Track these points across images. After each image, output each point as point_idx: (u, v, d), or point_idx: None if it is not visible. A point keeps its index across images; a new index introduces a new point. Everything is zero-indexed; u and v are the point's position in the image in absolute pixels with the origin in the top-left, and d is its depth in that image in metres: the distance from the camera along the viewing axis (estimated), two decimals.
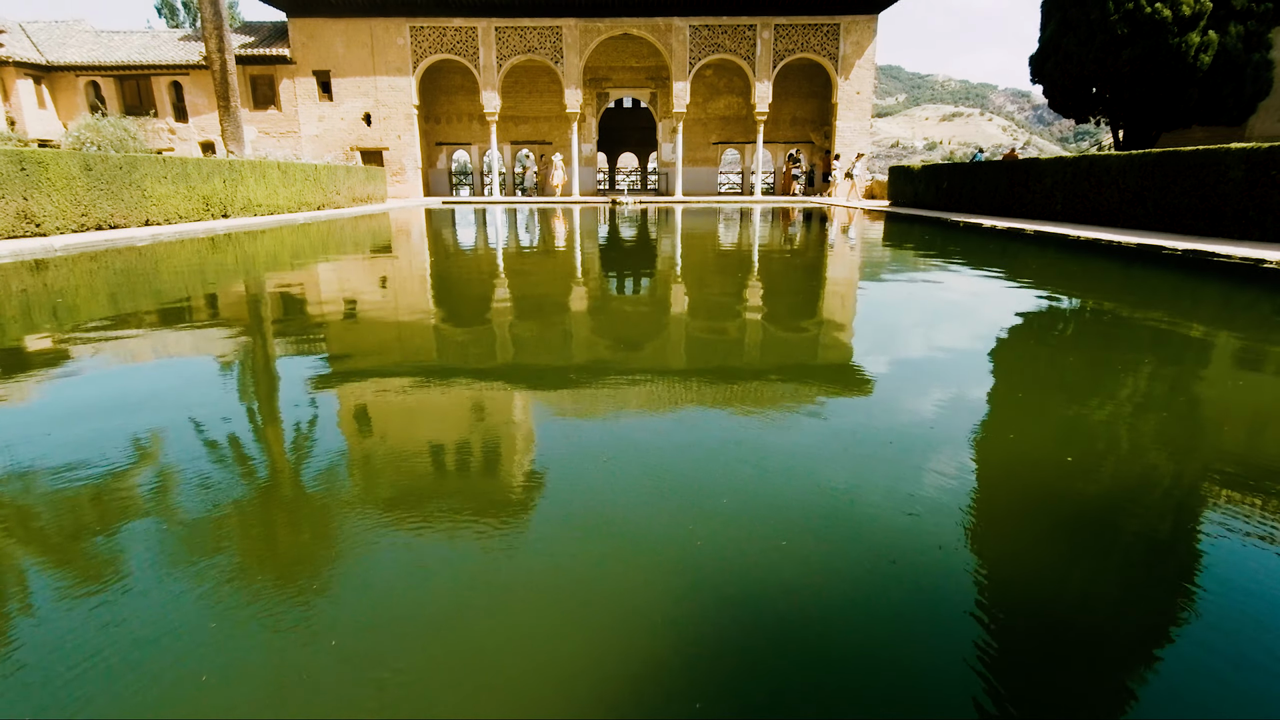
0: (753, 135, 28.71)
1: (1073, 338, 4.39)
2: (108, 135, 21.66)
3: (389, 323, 4.78)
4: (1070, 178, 12.39)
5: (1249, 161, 8.62)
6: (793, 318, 5.18)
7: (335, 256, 9.21)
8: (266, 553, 1.72)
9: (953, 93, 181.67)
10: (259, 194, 15.41)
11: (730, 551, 1.68)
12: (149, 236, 10.60)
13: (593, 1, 25.24)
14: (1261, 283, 6.19)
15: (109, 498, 2.00)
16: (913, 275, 7.21)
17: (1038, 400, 3.00)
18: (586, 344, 4.14)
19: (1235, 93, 16.20)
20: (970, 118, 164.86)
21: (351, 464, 2.29)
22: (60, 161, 9.94)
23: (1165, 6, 15.52)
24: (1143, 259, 7.98)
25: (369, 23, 25.85)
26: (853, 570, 1.60)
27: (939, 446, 2.36)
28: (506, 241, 11.59)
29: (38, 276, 6.84)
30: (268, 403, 3.02)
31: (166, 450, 2.38)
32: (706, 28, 26.04)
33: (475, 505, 1.98)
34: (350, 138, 27.01)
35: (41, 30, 26.96)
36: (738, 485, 2.05)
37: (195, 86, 26.31)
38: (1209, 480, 2.14)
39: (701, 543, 1.71)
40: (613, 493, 2.01)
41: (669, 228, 14.55)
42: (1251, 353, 3.95)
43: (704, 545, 1.70)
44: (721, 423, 2.68)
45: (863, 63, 26.29)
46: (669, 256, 9.25)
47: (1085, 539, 1.78)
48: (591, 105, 29.32)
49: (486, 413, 2.86)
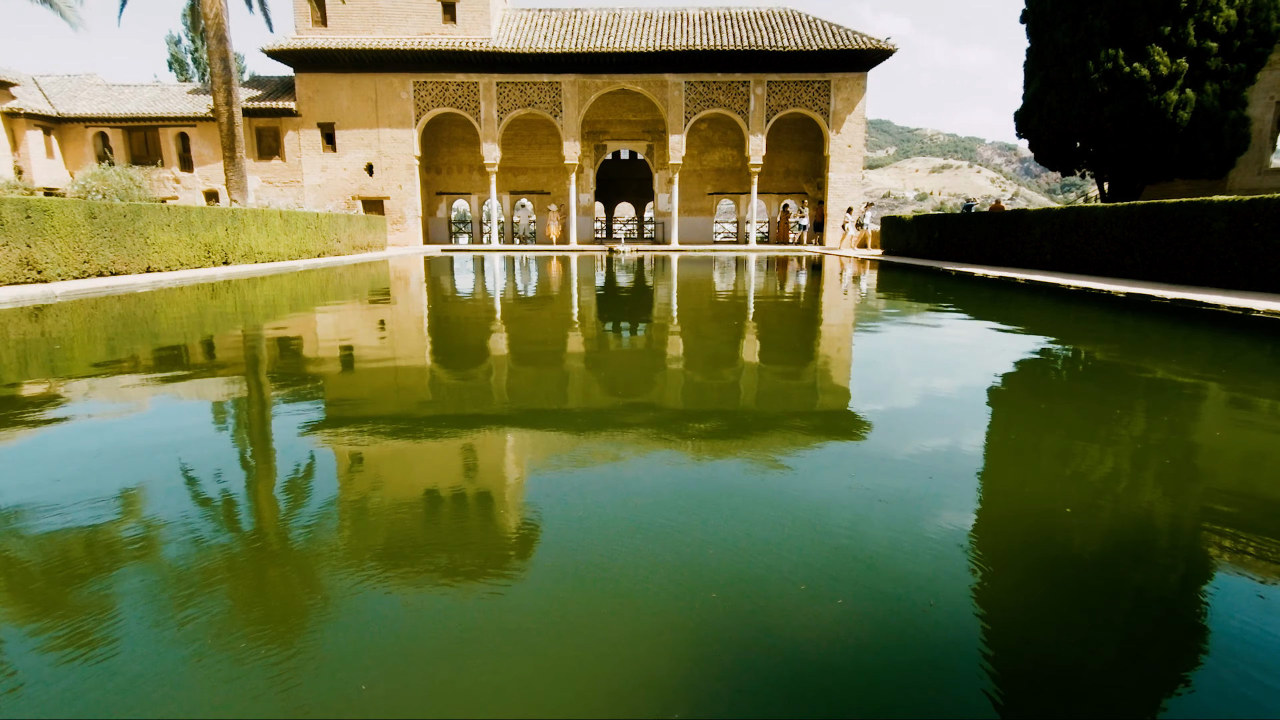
0: (747, 186, 29.33)
1: (1069, 386, 4.42)
2: (113, 184, 22.00)
3: (384, 370, 4.78)
4: (1059, 229, 12.64)
5: (1232, 214, 8.82)
6: (794, 365, 5.20)
7: (334, 303, 9.28)
8: (259, 604, 1.69)
9: (941, 146, 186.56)
10: (261, 241, 15.60)
11: (744, 606, 1.65)
12: (149, 283, 10.68)
13: (591, 59, 26.09)
14: (1252, 331, 6.27)
15: (99, 547, 1.97)
16: (911, 321, 7.28)
17: (1037, 450, 2.99)
18: (583, 392, 4.15)
19: (1215, 148, 16.68)
20: (959, 170, 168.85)
21: (344, 514, 2.26)
22: (65, 210, 10.08)
23: (1143, 66, 16.10)
24: (1133, 308, 8.09)
25: (373, 78, 26.61)
26: (871, 623, 1.57)
27: (940, 499, 2.35)
28: (504, 289, 11.70)
29: (36, 323, 6.86)
30: (260, 452, 3.00)
31: (157, 500, 2.35)
32: (701, 83, 26.88)
33: (472, 556, 1.95)
34: (352, 187, 27.50)
35: (54, 84, 27.68)
36: (749, 535, 2.03)
37: (202, 137, 26.89)
38: (1211, 533, 2.13)
39: (716, 595, 1.68)
40: (616, 545, 1.98)
41: (665, 275, 14.72)
42: (1246, 401, 3.97)
43: (718, 598, 1.67)
44: (725, 473, 2.67)
45: (853, 117, 27.07)
46: (665, 303, 9.34)
47: (1086, 592, 1.76)
48: (589, 157, 30.00)
49: (483, 462, 2.84)
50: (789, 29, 26.92)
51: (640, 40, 26.11)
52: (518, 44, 26.13)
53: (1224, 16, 15.77)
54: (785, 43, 25.88)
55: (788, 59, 26.10)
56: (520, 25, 27.75)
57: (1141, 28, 16.17)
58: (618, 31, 26.92)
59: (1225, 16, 15.77)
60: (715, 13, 28.25)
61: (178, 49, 40.30)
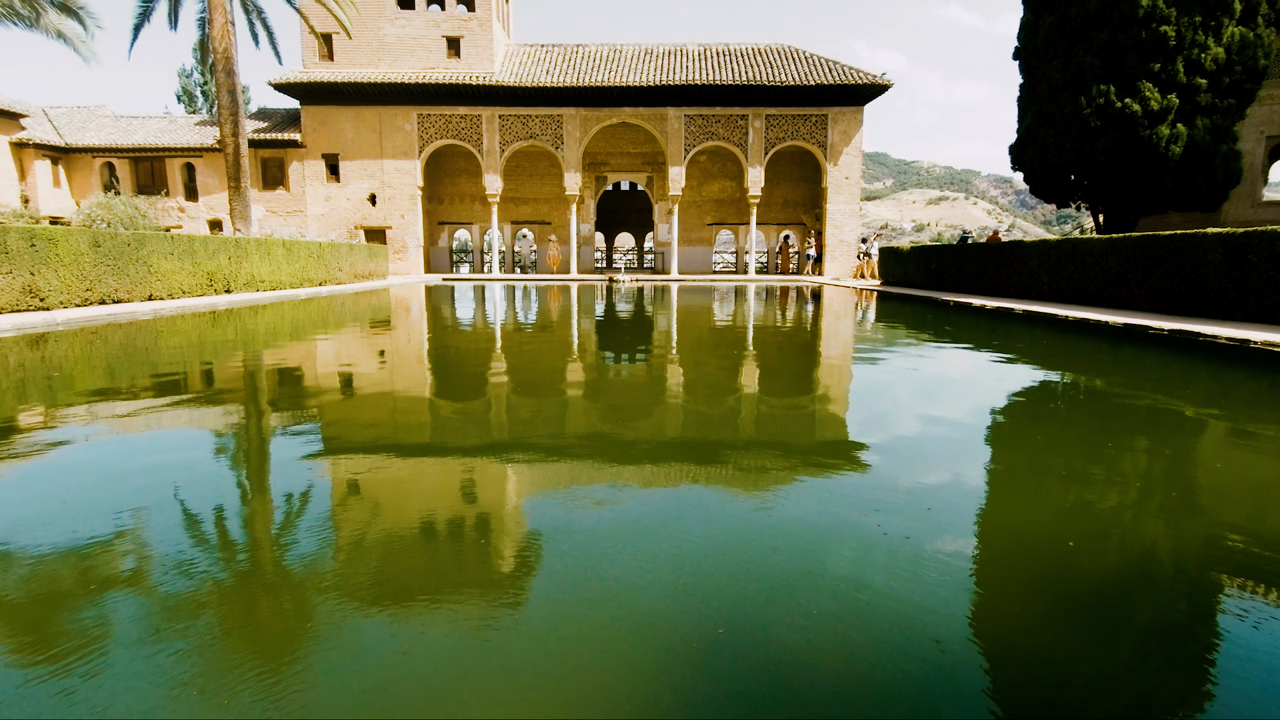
0: (746, 217, 29.62)
1: (1070, 417, 4.41)
2: (118, 213, 22.23)
3: (382, 399, 4.78)
4: (1055, 260, 12.74)
5: (1226, 246, 8.91)
6: (794, 396, 5.20)
7: (334, 331, 9.30)
8: (250, 636, 1.66)
9: (938, 178, 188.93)
10: (263, 270, 15.70)
11: (753, 641, 1.63)
12: (151, 311, 10.72)
13: (592, 92, 26.56)
14: (1250, 362, 6.28)
15: (91, 574, 1.95)
16: (912, 352, 7.30)
17: (1039, 482, 2.98)
18: (582, 423, 4.14)
19: (1207, 181, 16.89)
20: (956, 201, 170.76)
21: (338, 548, 2.24)
22: (70, 238, 10.17)
23: (1134, 101, 16.39)
24: (1131, 338, 8.11)
25: (378, 110, 27.06)
26: (875, 659, 1.55)
27: (941, 532, 2.33)
28: (504, 317, 11.74)
29: (36, 350, 6.87)
30: (257, 482, 2.98)
31: (149, 530, 2.33)
32: (701, 117, 27.32)
33: (469, 593, 1.93)
34: (355, 217, 27.77)
35: (63, 115, 28.13)
36: (757, 571, 2.01)
37: (207, 168, 27.23)
38: (1217, 567, 2.11)
39: (724, 630, 1.66)
40: (615, 582, 1.96)
41: (665, 305, 14.79)
42: (1248, 433, 3.96)
43: (727, 634, 1.65)
44: (727, 506, 2.65)
45: (850, 150, 27.46)
46: (665, 332, 9.37)
47: (1092, 627, 1.73)
48: (590, 188, 30.35)
49: (481, 495, 2.82)
50: (787, 64, 27.45)
51: (641, 75, 26.61)
52: (520, 78, 26.63)
53: (1212, 54, 16.10)
54: (783, 78, 26.37)
55: (785, 93, 26.56)
56: (523, 60, 28.30)
57: (1132, 64, 16.50)
58: (619, 67, 27.44)
59: (1214, 54, 16.10)
60: (714, 48, 28.83)
61: (188, 81, 41.04)
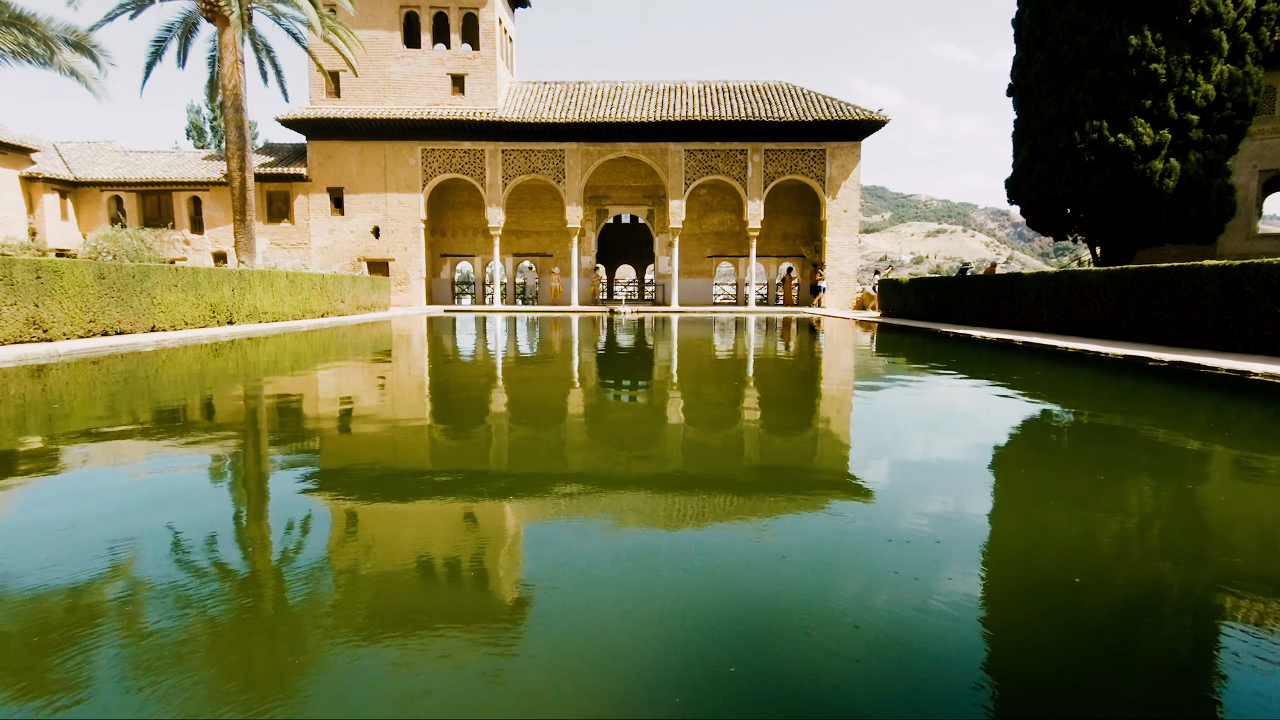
0: (746, 250, 29.87)
1: (1074, 450, 4.38)
2: (124, 245, 22.46)
3: (381, 432, 4.76)
4: (1054, 291, 12.81)
5: (1224, 278, 8.96)
6: (798, 428, 5.18)
7: (334, 363, 9.32)
8: (245, 672, 1.63)
9: (935, 211, 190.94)
10: (266, 302, 15.79)
11: (760, 678, 1.60)
12: (153, 343, 10.76)
13: (594, 128, 27.02)
14: (1252, 393, 6.26)
15: (83, 611, 1.92)
16: (913, 383, 7.29)
17: (1044, 517, 2.95)
18: (582, 457, 4.12)
19: (1202, 214, 17.07)
20: (954, 234, 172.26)
21: (339, 584, 2.21)
22: (75, 270, 10.25)
23: (1127, 137, 16.65)
24: (1132, 370, 8.11)
25: (383, 145, 27.51)
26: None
27: (949, 568, 2.31)
28: (506, 349, 11.77)
29: (37, 382, 6.87)
30: (254, 517, 2.96)
31: (144, 564, 2.30)
32: (701, 151, 27.74)
33: (468, 631, 1.90)
34: (358, 249, 28.03)
35: (73, 150, 28.61)
36: (767, 608, 1.98)
37: (214, 201, 27.59)
38: (1227, 604, 2.08)
39: (735, 669, 1.63)
40: (619, 619, 1.93)
41: (666, 336, 14.83)
42: (1254, 465, 3.93)
43: (739, 671, 1.62)
44: (733, 542, 2.62)
45: (848, 184, 27.82)
46: (665, 363, 9.37)
47: (1105, 666, 1.70)
48: (591, 220, 30.68)
49: (480, 532, 2.80)
50: (785, 101, 27.96)
51: (641, 111, 27.10)
52: (523, 114, 27.12)
53: (1202, 91, 16.41)
54: (782, 114, 26.84)
55: (784, 129, 27.01)
56: (526, 96, 28.86)
57: (1123, 101, 16.80)
58: (620, 103, 27.97)
59: (1204, 91, 16.41)
60: (714, 86, 29.41)
61: (197, 117, 41.81)
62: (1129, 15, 16.69)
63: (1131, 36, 16.47)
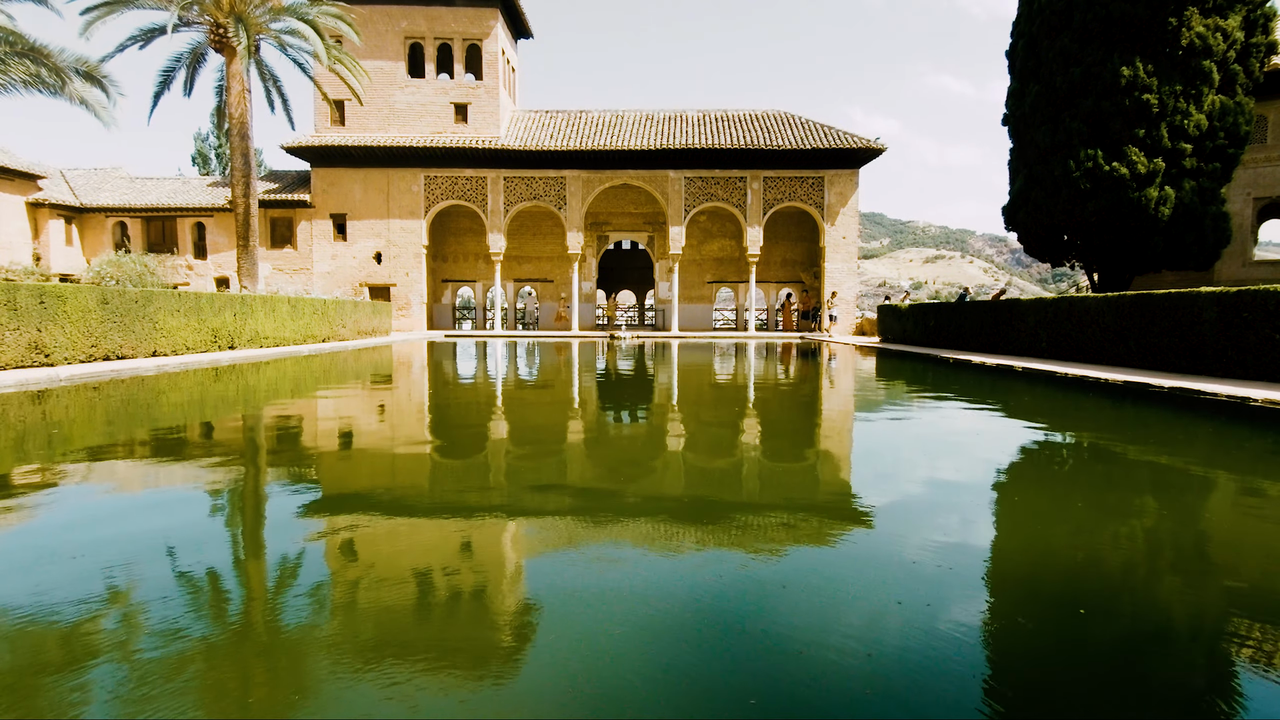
0: (745, 275, 30.05)
1: (1078, 477, 4.37)
2: (128, 270, 22.61)
3: (380, 457, 4.75)
4: (1052, 317, 12.85)
5: (1221, 304, 9.00)
6: (800, 455, 5.17)
7: (335, 387, 9.32)
8: (243, 698, 1.61)
9: (933, 237, 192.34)
10: (267, 327, 15.85)
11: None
12: (154, 367, 10.77)
13: (595, 156, 27.37)
14: (1252, 420, 6.26)
15: (80, 638, 1.90)
16: (914, 410, 7.28)
17: (1050, 543, 2.93)
18: (581, 484, 4.11)
19: (1198, 241, 17.20)
20: (952, 260, 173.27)
21: (337, 612, 2.19)
22: (79, 295, 10.31)
23: (1122, 165, 16.84)
24: (1132, 396, 8.11)
25: (386, 172, 27.84)
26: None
27: (954, 597, 2.29)
28: (505, 374, 11.77)
29: (37, 406, 6.87)
30: (251, 543, 2.94)
31: (141, 591, 2.29)
32: (700, 179, 28.06)
33: (468, 660, 1.88)
34: (360, 274, 28.20)
35: (80, 176, 28.94)
36: (774, 639, 1.96)
37: (218, 227, 27.84)
38: (1233, 632, 2.06)
39: (756, 701, 1.61)
40: (621, 650, 1.92)
41: (666, 360, 14.85)
42: (1257, 491, 3.92)
43: (758, 704, 1.60)
44: (736, 569, 2.61)
45: (847, 210, 28.10)
46: (665, 388, 9.37)
47: (1110, 694, 1.68)
48: (592, 246, 30.91)
49: (482, 557, 2.78)
50: (784, 129, 28.35)
51: (642, 139, 27.46)
52: (525, 142, 27.49)
53: (1195, 120, 16.64)
54: (780, 142, 27.20)
55: (783, 156, 27.35)
56: (528, 125, 29.27)
57: (1117, 130, 17.03)
58: (620, 131, 28.35)
59: (1196, 120, 16.64)
60: (714, 114, 29.84)
61: (204, 145, 42.36)
62: (1120, 47, 17.00)
63: (1124, 68, 16.75)
